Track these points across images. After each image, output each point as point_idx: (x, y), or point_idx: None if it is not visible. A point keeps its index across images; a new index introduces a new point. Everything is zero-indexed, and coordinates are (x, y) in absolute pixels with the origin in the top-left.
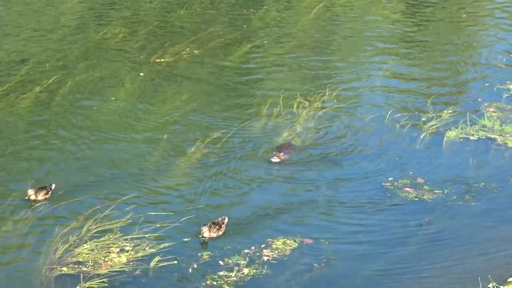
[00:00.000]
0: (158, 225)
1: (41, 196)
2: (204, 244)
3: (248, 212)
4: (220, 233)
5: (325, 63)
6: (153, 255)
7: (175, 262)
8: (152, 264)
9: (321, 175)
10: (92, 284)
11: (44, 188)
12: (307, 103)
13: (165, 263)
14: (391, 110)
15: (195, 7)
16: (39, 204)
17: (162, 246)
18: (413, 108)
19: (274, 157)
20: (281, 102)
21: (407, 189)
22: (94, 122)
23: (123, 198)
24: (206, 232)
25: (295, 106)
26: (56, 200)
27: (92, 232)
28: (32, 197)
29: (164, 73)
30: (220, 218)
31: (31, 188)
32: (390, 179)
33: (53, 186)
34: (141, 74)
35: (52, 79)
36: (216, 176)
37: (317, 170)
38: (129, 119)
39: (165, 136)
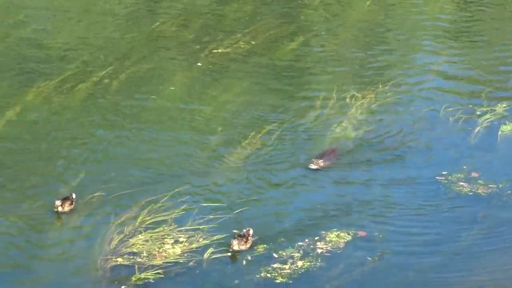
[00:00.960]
0: (211, 217)
1: (67, 207)
2: (259, 235)
3: (302, 205)
4: (248, 245)
5: (378, 56)
6: (207, 247)
7: (229, 254)
8: (206, 255)
9: (375, 169)
10: (147, 275)
11: (67, 198)
12: (360, 95)
13: (218, 255)
14: (445, 105)
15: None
16: (91, 196)
17: (215, 237)
18: (467, 102)
19: (312, 164)
20: (334, 95)
21: (461, 183)
22: (149, 112)
23: (177, 190)
24: (236, 245)
25: (347, 99)
26: (110, 192)
27: (147, 223)
28: (60, 209)
29: (219, 64)
30: (244, 230)
31: (57, 200)
32: (444, 173)
33: (74, 195)
34: (199, 64)
35: (107, 69)
36: (269, 170)
37: (371, 164)
38: (183, 111)
39: (219, 129)
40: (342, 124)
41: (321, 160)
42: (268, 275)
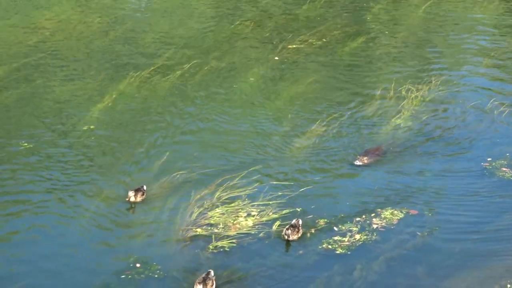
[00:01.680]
0: (280, 193)
1: (139, 197)
2: (321, 210)
3: (359, 187)
4: (299, 234)
5: (432, 54)
6: (275, 220)
7: (299, 220)
8: (274, 228)
9: (426, 156)
10: (222, 244)
11: (139, 189)
12: (414, 89)
13: (283, 228)
14: (492, 99)
15: (317, 2)
16: (176, 174)
17: (283, 212)
18: (511, 99)
19: (357, 161)
20: (392, 90)
21: (504, 169)
22: (228, 102)
23: (250, 170)
24: (291, 236)
25: (403, 92)
26: (191, 171)
27: (223, 198)
28: (132, 199)
29: (291, 59)
30: (294, 221)
31: (131, 191)
32: (488, 159)
33: (145, 187)
34: (276, 58)
35: (191, 63)
36: (330, 155)
37: (422, 152)
38: (259, 101)
39: (289, 116)
40: (398, 116)
41: (366, 158)
42: (329, 246)
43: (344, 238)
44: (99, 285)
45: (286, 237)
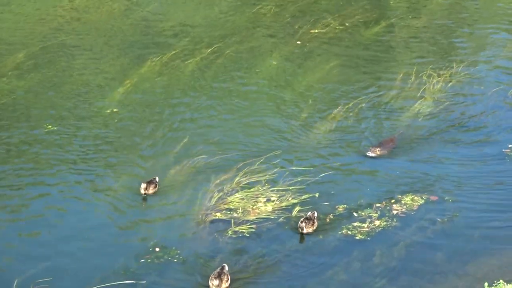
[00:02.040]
0: (299, 179)
1: (151, 189)
2: (341, 196)
3: (379, 174)
4: (314, 227)
5: (455, 39)
6: (294, 205)
7: (314, 212)
8: (293, 213)
9: (447, 142)
10: (242, 229)
11: (151, 182)
12: (435, 75)
13: (303, 214)
14: None
15: None
16: (196, 158)
17: (303, 197)
18: None
19: (370, 152)
20: (413, 75)
21: None
22: (251, 85)
23: (270, 154)
24: (305, 229)
25: (425, 77)
26: (210, 155)
27: (243, 183)
28: (143, 191)
29: (313, 43)
30: (309, 213)
31: (143, 183)
32: (509, 146)
33: (157, 178)
34: (298, 42)
35: (213, 47)
36: (351, 141)
37: (443, 137)
38: (281, 85)
39: (310, 101)
40: (418, 102)
41: (379, 149)
42: (349, 232)
43: (363, 224)
44: (119, 269)
45: (300, 230)
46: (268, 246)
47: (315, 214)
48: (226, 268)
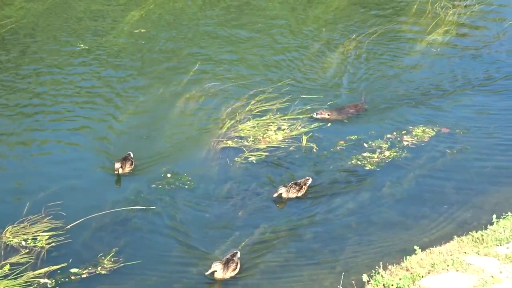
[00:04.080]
0: (309, 107)
1: (127, 168)
2: (351, 127)
3: (391, 97)
4: (299, 194)
5: None
6: (306, 134)
7: (323, 143)
8: (303, 142)
9: (460, 72)
10: (252, 156)
11: (126, 159)
12: (451, 6)
13: (313, 143)
14: None
15: None
16: (207, 84)
17: (312, 126)
18: None
19: (315, 114)
20: (429, 2)
21: None
22: (268, 12)
23: (281, 83)
24: (284, 193)
25: (438, 8)
26: (223, 82)
27: (254, 112)
28: (120, 171)
29: None
30: (303, 179)
31: (117, 161)
32: None
33: (131, 154)
34: None
35: None
36: (363, 70)
37: (456, 67)
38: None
39: (323, 30)
40: (433, 32)
41: (329, 113)
42: (359, 162)
43: (373, 155)
44: (130, 194)
45: (277, 193)
46: (278, 173)
47: (309, 182)
48: (238, 255)
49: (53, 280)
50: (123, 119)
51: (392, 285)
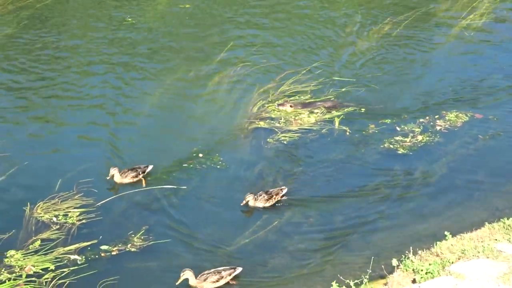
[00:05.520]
0: (343, 90)
1: (128, 178)
2: (385, 110)
3: (426, 84)
4: (267, 204)
5: None
6: (338, 117)
7: (356, 126)
8: (336, 125)
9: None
10: (284, 137)
11: (134, 169)
12: None
13: (346, 127)
14: None
15: None
16: (239, 66)
17: (346, 110)
18: None
19: (277, 105)
20: None
21: None
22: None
23: (313, 65)
24: (251, 201)
25: None
26: (254, 63)
27: (286, 93)
28: (118, 179)
29: None
30: (276, 189)
31: (113, 167)
32: None
33: (149, 167)
34: None
35: None
36: (399, 51)
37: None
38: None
39: (359, 12)
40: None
41: (291, 105)
42: (391, 146)
43: (406, 139)
44: (161, 173)
45: (246, 201)
46: (310, 155)
47: (283, 192)
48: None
49: (83, 257)
50: (153, 100)
51: (422, 270)
